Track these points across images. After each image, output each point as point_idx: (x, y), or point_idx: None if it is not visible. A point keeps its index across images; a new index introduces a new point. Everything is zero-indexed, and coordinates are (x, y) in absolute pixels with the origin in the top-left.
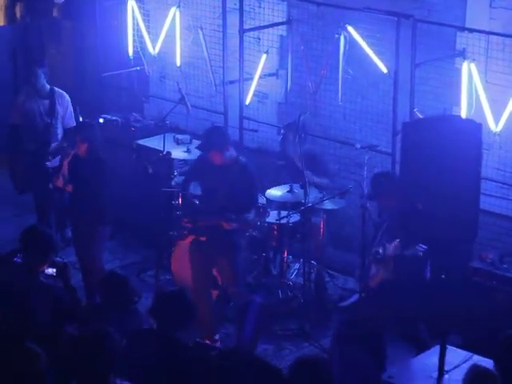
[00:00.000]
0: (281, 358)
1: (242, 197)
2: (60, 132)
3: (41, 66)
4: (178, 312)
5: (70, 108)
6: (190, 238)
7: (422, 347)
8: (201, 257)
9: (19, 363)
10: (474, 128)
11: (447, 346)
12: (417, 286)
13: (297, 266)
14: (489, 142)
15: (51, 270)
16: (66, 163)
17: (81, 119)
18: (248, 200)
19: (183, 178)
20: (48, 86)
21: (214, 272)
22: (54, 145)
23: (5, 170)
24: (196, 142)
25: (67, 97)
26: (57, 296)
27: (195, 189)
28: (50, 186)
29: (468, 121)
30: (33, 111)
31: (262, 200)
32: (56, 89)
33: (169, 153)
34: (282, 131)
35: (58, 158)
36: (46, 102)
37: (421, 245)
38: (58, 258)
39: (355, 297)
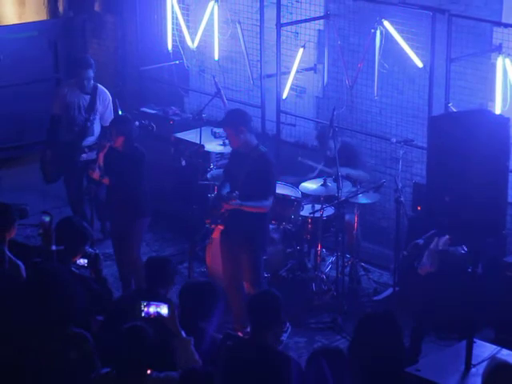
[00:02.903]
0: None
1: (257, 185)
2: (97, 128)
3: (91, 66)
4: (204, 302)
5: (111, 106)
6: (217, 230)
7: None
8: (227, 247)
9: (70, 347)
10: (503, 122)
11: (476, 340)
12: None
13: (331, 259)
14: None
15: (83, 261)
16: (101, 155)
17: (120, 112)
18: (262, 188)
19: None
20: (92, 82)
21: None
22: (89, 139)
23: None
24: None
25: (109, 95)
26: (87, 286)
27: None
28: (84, 180)
29: (497, 115)
30: (73, 104)
31: (296, 193)
32: (99, 86)
33: (202, 146)
34: (317, 135)
35: (94, 152)
36: (87, 97)
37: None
38: (90, 249)
39: (389, 291)
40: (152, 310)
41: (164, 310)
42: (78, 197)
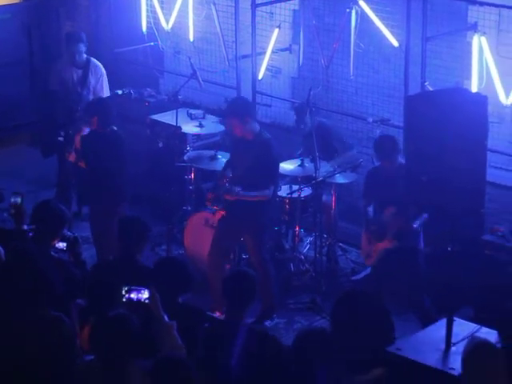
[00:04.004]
0: (292, 331)
1: (260, 172)
2: None
3: (81, 40)
4: (179, 276)
5: (103, 79)
6: (219, 214)
7: (427, 320)
8: (224, 231)
9: (48, 330)
10: (480, 100)
11: (456, 318)
12: (425, 257)
13: (309, 239)
14: (500, 115)
15: (62, 244)
16: (77, 138)
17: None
18: (265, 176)
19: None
20: (85, 56)
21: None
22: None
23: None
24: (209, 117)
25: (102, 68)
26: (66, 270)
27: None
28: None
29: (474, 93)
30: (66, 79)
31: None
32: (92, 59)
33: (179, 127)
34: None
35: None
36: (80, 71)
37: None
38: (68, 232)
39: (367, 270)
40: (133, 295)
41: (145, 295)
42: (65, 174)
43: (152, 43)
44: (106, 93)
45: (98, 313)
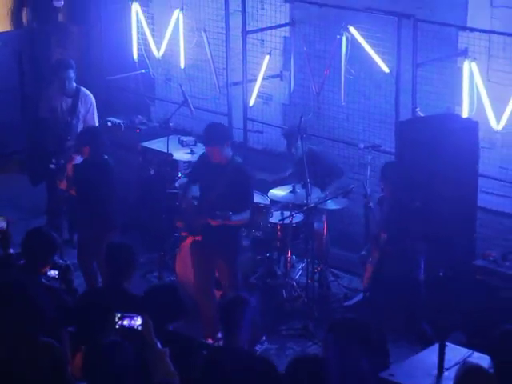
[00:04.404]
0: (284, 357)
1: (237, 196)
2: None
3: (71, 67)
4: (169, 303)
5: (93, 109)
6: (189, 239)
7: (426, 343)
8: (200, 257)
9: (39, 356)
10: (471, 126)
11: (448, 343)
12: (416, 283)
13: (301, 265)
14: (491, 141)
15: (53, 272)
16: (69, 166)
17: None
18: (242, 200)
19: (186, 180)
20: (74, 85)
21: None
22: (70, 143)
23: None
24: (200, 144)
25: (92, 98)
26: (57, 297)
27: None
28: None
29: (465, 119)
30: (55, 108)
31: (265, 200)
32: (82, 89)
33: (170, 154)
34: (285, 132)
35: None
36: (70, 100)
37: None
38: (60, 260)
39: (359, 296)
40: (126, 322)
41: (138, 321)
42: (56, 202)
43: (143, 71)
44: (95, 122)
45: (89, 340)
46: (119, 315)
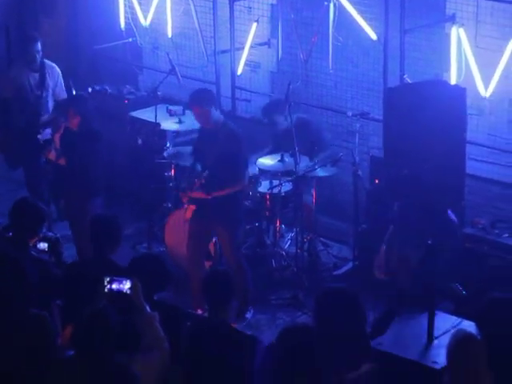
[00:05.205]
0: (274, 327)
1: (230, 162)
2: (51, 104)
3: (37, 40)
4: (155, 273)
5: (61, 80)
6: (189, 210)
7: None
8: (198, 227)
9: (30, 327)
10: (459, 92)
11: (437, 311)
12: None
13: (290, 235)
14: (479, 108)
15: (43, 245)
16: (57, 136)
17: (74, 92)
18: (235, 167)
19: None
20: (39, 59)
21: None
22: (44, 117)
23: None
24: (189, 113)
25: (57, 68)
26: (46, 270)
27: None
28: (43, 158)
29: (452, 85)
30: (23, 84)
31: (254, 170)
32: (46, 61)
33: (158, 124)
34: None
35: (49, 131)
36: (37, 74)
37: None
38: (50, 233)
39: (349, 265)
40: (115, 286)
41: (127, 285)
42: (36, 178)
43: (130, 39)
44: (64, 93)
45: (77, 312)
46: (108, 279)
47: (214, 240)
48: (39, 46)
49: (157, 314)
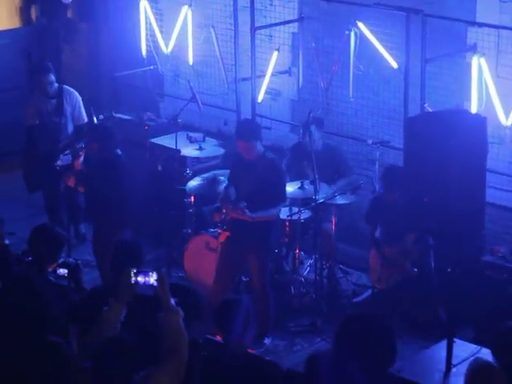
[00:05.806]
0: (292, 353)
1: (269, 192)
2: (70, 129)
3: (51, 70)
4: (186, 305)
5: (79, 104)
6: (223, 235)
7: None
8: (229, 253)
9: (45, 354)
10: (480, 121)
11: (456, 339)
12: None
13: (309, 262)
14: (500, 136)
15: (63, 271)
16: (77, 163)
17: (95, 119)
18: (275, 195)
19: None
20: (56, 85)
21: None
22: (63, 142)
23: (19, 171)
24: (209, 140)
25: (76, 94)
26: (65, 295)
27: None
28: (62, 184)
29: (473, 114)
30: (41, 111)
31: None
32: (65, 87)
33: (178, 150)
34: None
35: (69, 156)
36: (54, 101)
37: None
38: (70, 259)
39: (368, 292)
40: (141, 278)
41: (153, 277)
42: (55, 203)
43: (152, 67)
44: (83, 118)
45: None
46: (134, 271)
47: None
48: (52, 76)
49: (181, 310)
